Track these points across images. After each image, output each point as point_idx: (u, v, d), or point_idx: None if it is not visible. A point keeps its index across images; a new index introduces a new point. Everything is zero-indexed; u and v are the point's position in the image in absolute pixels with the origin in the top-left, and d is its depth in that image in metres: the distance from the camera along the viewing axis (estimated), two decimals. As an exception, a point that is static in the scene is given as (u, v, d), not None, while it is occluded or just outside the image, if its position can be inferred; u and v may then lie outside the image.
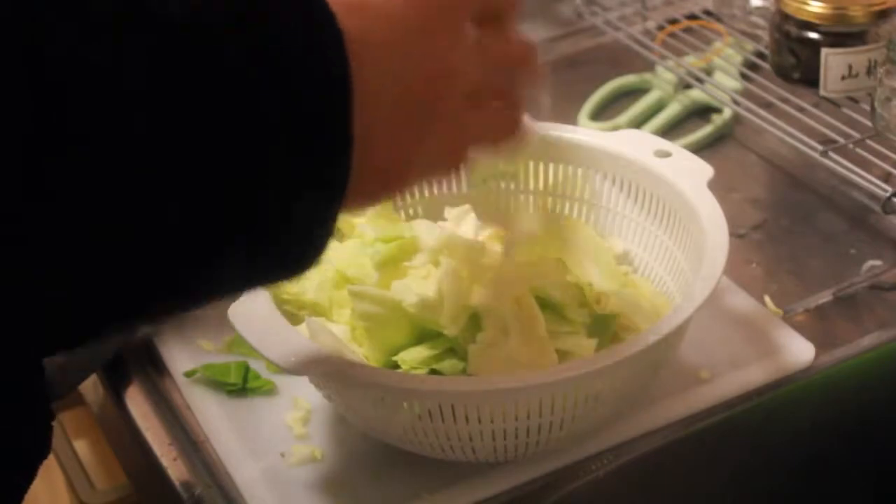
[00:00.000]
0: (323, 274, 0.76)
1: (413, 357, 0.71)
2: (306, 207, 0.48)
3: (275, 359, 0.66)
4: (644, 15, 1.10)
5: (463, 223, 0.80)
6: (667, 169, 0.78)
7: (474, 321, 0.71)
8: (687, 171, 0.78)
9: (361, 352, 0.72)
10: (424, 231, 0.77)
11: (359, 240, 0.78)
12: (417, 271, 0.75)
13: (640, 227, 0.81)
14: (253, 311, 0.68)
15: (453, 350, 0.71)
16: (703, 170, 0.78)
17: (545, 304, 0.72)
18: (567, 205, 0.83)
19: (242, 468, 0.73)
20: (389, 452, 0.72)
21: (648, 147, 0.80)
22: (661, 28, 1.08)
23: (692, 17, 1.08)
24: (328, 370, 0.67)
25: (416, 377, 0.69)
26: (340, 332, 0.73)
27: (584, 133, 0.83)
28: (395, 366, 0.71)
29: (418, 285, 0.73)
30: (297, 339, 0.67)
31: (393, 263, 0.76)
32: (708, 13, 1.08)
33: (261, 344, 0.66)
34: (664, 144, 0.81)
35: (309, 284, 0.75)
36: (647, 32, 1.08)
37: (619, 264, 0.80)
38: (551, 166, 0.82)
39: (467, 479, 0.71)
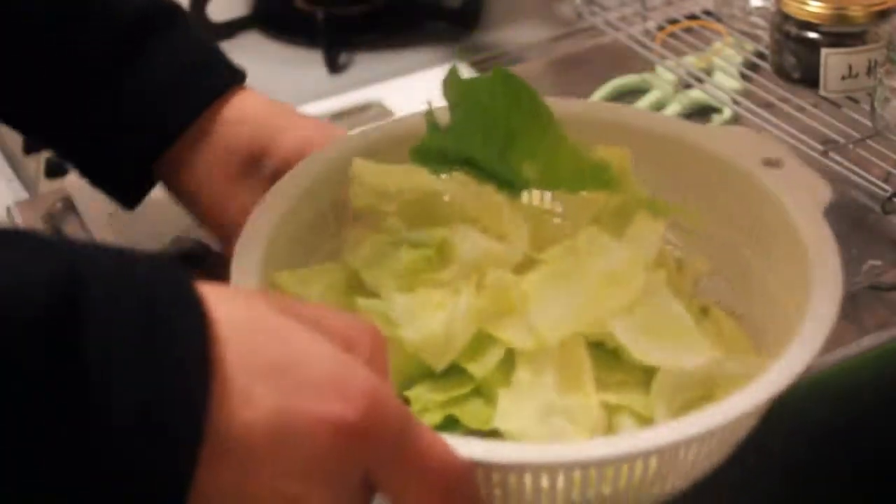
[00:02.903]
0: (332, 275, 0.66)
1: (428, 397, 0.59)
2: None
3: None
4: (644, 15, 1.10)
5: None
6: (777, 183, 0.66)
7: (506, 361, 0.59)
8: (800, 188, 0.66)
9: None
10: (461, 238, 0.64)
11: (387, 236, 0.66)
12: (442, 289, 0.62)
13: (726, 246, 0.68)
14: None
15: (478, 391, 0.60)
16: (818, 188, 0.66)
17: (594, 345, 0.60)
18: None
19: (242, 468, 0.72)
20: (389, 452, 0.72)
21: (756, 152, 0.68)
22: (661, 28, 1.08)
23: (692, 17, 1.08)
24: None
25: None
26: None
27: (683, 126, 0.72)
28: (405, 400, 0.60)
29: (433, 309, 0.60)
30: None
31: (417, 274, 0.63)
32: (708, 13, 1.08)
33: None
34: (775, 150, 0.69)
35: (314, 287, 0.64)
36: (647, 32, 1.08)
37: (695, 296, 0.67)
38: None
39: (467, 479, 0.70)
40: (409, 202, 0.67)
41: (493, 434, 0.58)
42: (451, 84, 0.65)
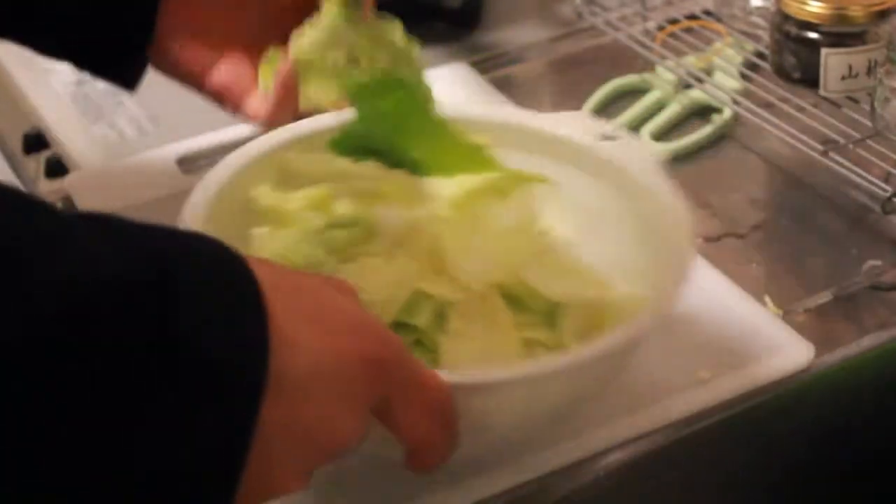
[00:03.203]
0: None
1: None
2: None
3: None
4: (644, 15, 1.10)
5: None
6: (617, 153, 0.76)
7: (439, 313, 0.69)
8: (638, 156, 0.77)
9: None
10: (384, 214, 0.74)
11: (300, 227, 0.73)
12: (373, 259, 0.72)
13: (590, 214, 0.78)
14: None
15: (420, 342, 0.69)
16: (651, 155, 0.80)
17: (505, 294, 0.70)
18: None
19: (242, 468, 0.73)
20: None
21: (590, 130, 0.79)
22: (661, 28, 1.08)
23: (692, 17, 1.08)
24: None
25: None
26: None
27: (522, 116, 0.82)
28: None
29: (371, 275, 0.70)
30: None
31: (353, 248, 0.72)
32: (708, 13, 1.08)
33: None
34: (606, 128, 0.79)
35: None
36: (647, 32, 1.08)
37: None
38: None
39: (467, 479, 0.71)
40: (330, 187, 0.75)
41: None
42: (350, 88, 0.78)
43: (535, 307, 0.71)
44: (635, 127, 1.02)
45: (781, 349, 0.78)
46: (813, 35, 0.89)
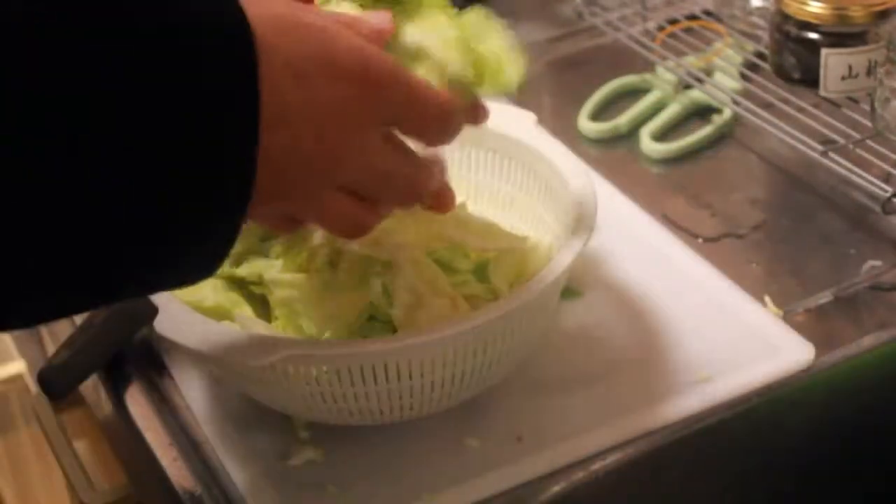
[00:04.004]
0: (212, 279, 0.73)
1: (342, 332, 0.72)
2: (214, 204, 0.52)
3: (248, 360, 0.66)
4: (644, 15, 1.10)
5: None
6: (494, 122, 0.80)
7: (385, 290, 0.73)
8: (514, 120, 0.82)
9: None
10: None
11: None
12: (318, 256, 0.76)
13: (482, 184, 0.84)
14: (181, 321, 0.69)
15: (374, 318, 0.73)
16: (526, 115, 0.82)
17: (436, 261, 0.74)
18: None
19: (243, 468, 0.73)
20: (390, 453, 0.72)
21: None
22: (661, 28, 1.08)
23: (692, 17, 1.08)
24: (304, 353, 0.67)
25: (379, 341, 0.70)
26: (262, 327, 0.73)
27: None
28: None
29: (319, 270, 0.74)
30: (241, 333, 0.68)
31: (290, 250, 0.76)
32: (708, 13, 1.08)
33: (222, 349, 0.67)
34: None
35: (205, 292, 0.75)
36: (647, 33, 1.08)
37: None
38: None
39: (467, 479, 0.71)
40: None
41: None
42: None
43: (464, 267, 0.75)
44: (635, 127, 1.02)
45: (781, 349, 0.78)
46: (813, 35, 0.89)
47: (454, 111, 0.62)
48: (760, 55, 1.00)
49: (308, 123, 0.55)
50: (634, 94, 1.06)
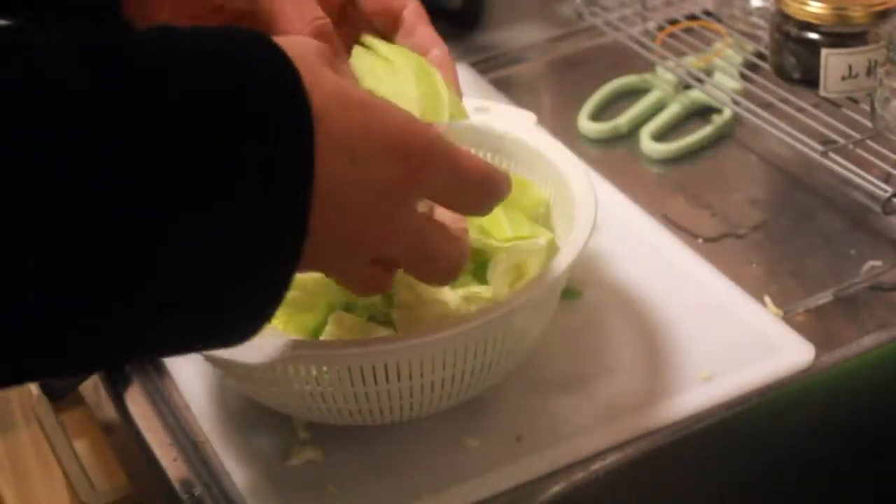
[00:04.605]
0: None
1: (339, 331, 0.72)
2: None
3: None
4: (644, 15, 1.10)
5: None
6: (496, 124, 0.81)
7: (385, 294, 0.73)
8: (514, 120, 0.81)
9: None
10: None
11: None
12: None
13: None
14: None
15: (375, 318, 0.73)
16: (526, 115, 0.81)
17: None
18: None
19: (242, 468, 0.73)
20: (390, 453, 0.72)
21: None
22: (661, 28, 1.08)
23: (692, 17, 1.08)
24: (304, 353, 0.67)
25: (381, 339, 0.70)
26: None
27: None
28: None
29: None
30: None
31: None
32: (708, 13, 1.08)
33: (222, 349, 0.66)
34: (480, 102, 0.83)
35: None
36: (647, 33, 1.08)
37: None
38: None
39: (467, 479, 0.71)
40: None
41: None
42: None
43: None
44: (635, 127, 1.02)
45: (781, 349, 0.78)
46: (813, 35, 0.89)
47: (496, 181, 0.62)
48: (760, 55, 1.00)
49: (355, 203, 0.55)
50: (634, 94, 1.06)
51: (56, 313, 0.47)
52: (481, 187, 0.61)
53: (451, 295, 0.73)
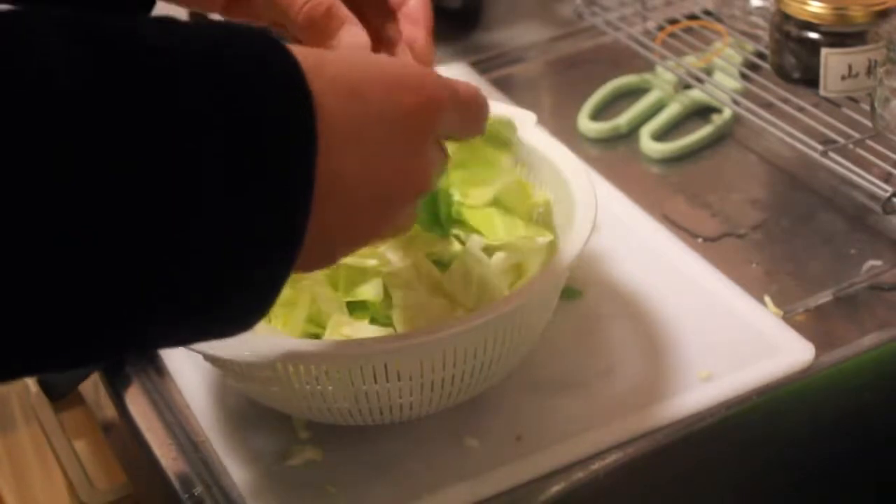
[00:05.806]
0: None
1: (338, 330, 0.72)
2: (261, 261, 0.52)
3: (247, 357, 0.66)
4: (644, 15, 1.10)
5: None
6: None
7: (385, 291, 0.73)
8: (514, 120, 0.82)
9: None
10: None
11: None
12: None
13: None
14: None
15: (374, 320, 0.73)
16: (526, 115, 0.82)
17: (433, 261, 0.75)
18: None
19: (242, 468, 0.73)
20: (390, 453, 0.72)
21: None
22: (661, 28, 1.08)
23: (692, 17, 1.08)
24: (304, 353, 0.67)
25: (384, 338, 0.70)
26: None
27: None
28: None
29: None
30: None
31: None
32: (708, 13, 1.08)
33: (222, 349, 0.67)
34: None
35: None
36: (647, 33, 1.08)
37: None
38: None
39: (467, 479, 0.71)
40: None
41: None
42: None
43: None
44: (635, 127, 1.02)
45: (781, 349, 0.78)
46: (813, 35, 0.89)
47: (482, 96, 0.64)
48: (760, 55, 1.00)
49: (372, 138, 0.56)
50: (634, 93, 1.06)
51: (57, 307, 0.47)
52: (481, 105, 0.64)
53: (451, 295, 0.73)
